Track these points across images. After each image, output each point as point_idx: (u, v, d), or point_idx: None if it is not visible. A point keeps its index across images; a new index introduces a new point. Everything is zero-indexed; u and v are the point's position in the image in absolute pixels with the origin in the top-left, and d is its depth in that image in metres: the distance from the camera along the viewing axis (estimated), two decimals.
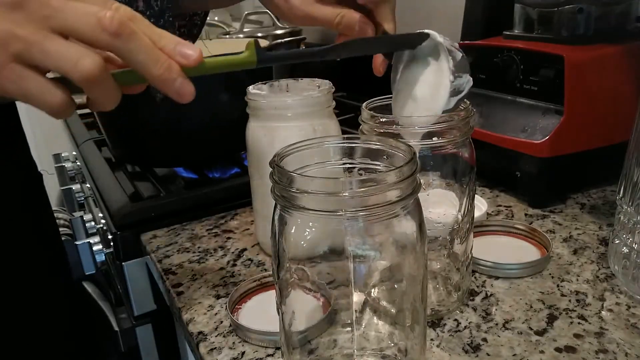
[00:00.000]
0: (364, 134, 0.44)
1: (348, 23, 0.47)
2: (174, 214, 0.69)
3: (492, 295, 0.50)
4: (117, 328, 0.74)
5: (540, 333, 0.44)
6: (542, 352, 0.42)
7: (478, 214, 0.61)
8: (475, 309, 0.48)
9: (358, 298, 0.38)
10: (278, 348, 0.45)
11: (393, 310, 0.39)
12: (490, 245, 0.57)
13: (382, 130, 0.42)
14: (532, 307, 0.47)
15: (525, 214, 0.64)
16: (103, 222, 0.72)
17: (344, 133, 0.59)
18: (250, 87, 0.57)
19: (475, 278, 0.52)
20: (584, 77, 0.62)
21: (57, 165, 1.18)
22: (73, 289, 0.67)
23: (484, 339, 0.44)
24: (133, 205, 0.69)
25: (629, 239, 0.48)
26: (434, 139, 0.42)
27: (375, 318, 0.40)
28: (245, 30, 1.37)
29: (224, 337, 0.47)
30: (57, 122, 1.40)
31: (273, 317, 0.39)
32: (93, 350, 0.68)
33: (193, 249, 0.62)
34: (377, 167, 0.37)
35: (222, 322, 0.49)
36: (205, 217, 0.70)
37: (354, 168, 0.38)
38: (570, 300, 0.48)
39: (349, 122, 0.89)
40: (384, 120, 0.43)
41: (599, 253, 0.55)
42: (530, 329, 0.45)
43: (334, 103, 0.57)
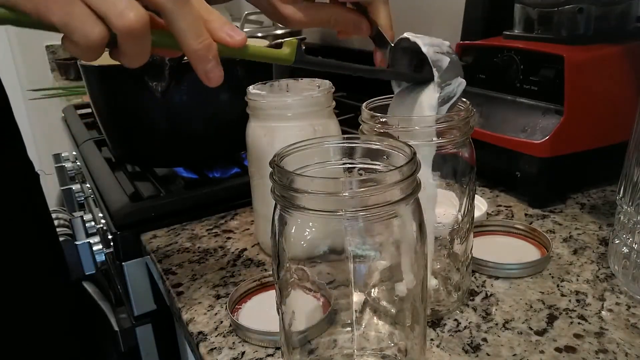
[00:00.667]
0: (364, 134, 0.44)
1: (343, 22, 0.48)
2: (174, 214, 0.69)
3: (492, 295, 0.50)
4: (117, 328, 0.74)
5: (540, 333, 0.44)
6: (542, 352, 0.42)
7: (478, 214, 0.61)
8: (475, 309, 0.48)
9: (358, 298, 0.38)
10: (278, 348, 0.45)
11: (393, 310, 0.39)
12: (490, 245, 0.57)
13: (382, 130, 0.42)
14: (532, 307, 0.47)
15: (525, 214, 0.64)
16: (103, 222, 0.72)
17: (344, 133, 0.59)
18: (250, 87, 0.57)
19: (475, 278, 0.52)
20: (584, 77, 0.62)
21: (57, 165, 1.18)
22: (72, 289, 0.67)
23: (484, 339, 0.44)
24: (133, 205, 0.69)
25: (629, 239, 0.48)
26: (434, 139, 0.42)
27: (375, 318, 0.40)
28: (246, 30, 1.37)
29: (224, 337, 0.47)
30: (57, 122, 1.40)
31: (273, 317, 0.39)
32: (93, 350, 0.68)
33: (193, 249, 0.62)
34: (377, 167, 0.37)
35: (222, 322, 0.49)
36: (205, 217, 0.70)
37: (354, 168, 0.38)
38: (570, 300, 0.48)
39: (349, 122, 0.89)
40: (384, 120, 0.43)
41: (599, 253, 0.55)
42: (530, 329, 0.45)
43: (334, 103, 0.57)
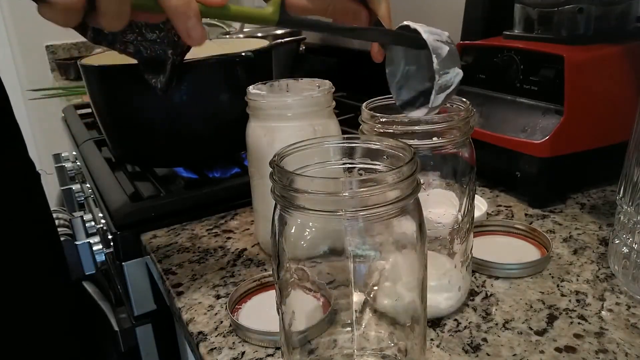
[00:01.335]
0: (364, 134, 0.44)
1: (342, 10, 0.48)
2: (174, 214, 0.69)
3: (492, 295, 0.50)
4: (117, 328, 0.74)
5: (540, 333, 0.44)
6: (542, 352, 0.42)
7: (478, 214, 0.61)
8: (475, 309, 0.48)
9: (358, 298, 0.38)
10: (278, 348, 0.45)
11: (393, 310, 0.39)
12: (490, 245, 0.57)
13: (382, 130, 0.42)
14: (532, 307, 0.47)
15: (525, 214, 0.64)
16: (103, 222, 0.72)
17: (344, 133, 0.59)
18: (250, 87, 0.57)
19: (475, 278, 0.52)
20: (584, 77, 0.62)
21: (57, 165, 1.18)
22: (72, 289, 0.67)
23: (484, 339, 0.44)
24: (133, 205, 0.69)
25: (629, 239, 0.48)
26: (434, 139, 0.42)
27: (375, 318, 0.40)
28: (245, 30, 1.37)
29: (224, 337, 0.47)
30: (57, 122, 1.40)
31: (273, 317, 0.39)
32: (93, 350, 0.68)
33: (193, 249, 0.62)
34: (377, 167, 0.37)
35: (222, 322, 0.49)
36: (205, 217, 0.70)
37: (354, 168, 0.38)
38: (570, 300, 0.48)
39: (349, 122, 0.89)
40: (384, 120, 0.43)
41: (599, 253, 0.55)
42: (530, 329, 0.45)
43: (334, 103, 0.57)
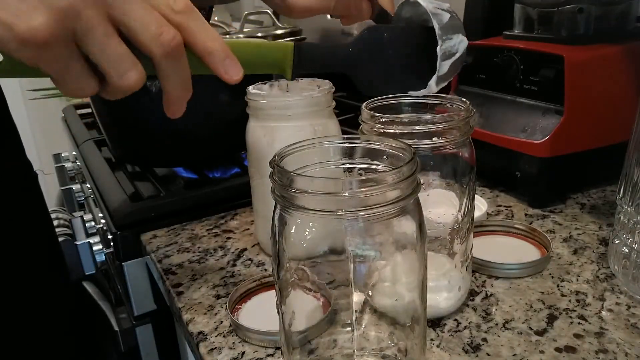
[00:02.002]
0: (364, 134, 0.44)
1: (344, 5, 0.48)
2: (174, 214, 0.69)
3: (492, 295, 0.50)
4: (117, 328, 0.74)
5: (540, 333, 0.44)
6: (542, 352, 0.42)
7: (478, 214, 0.61)
8: (475, 309, 0.48)
9: (358, 298, 0.38)
10: (278, 348, 0.45)
11: (393, 310, 0.39)
12: (490, 245, 0.57)
13: (382, 130, 0.42)
14: (532, 307, 0.47)
15: (525, 214, 0.64)
16: (103, 222, 0.72)
17: (344, 133, 0.59)
18: (250, 87, 0.57)
19: (475, 278, 0.52)
20: (584, 77, 0.62)
21: (57, 165, 1.18)
22: (71, 289, 0.67)
23: (484, 339, 0.44)
24: (133, 205, 0.69)
25: (629, 239, 0.48)
26: (434, 139, 0.42)
27: (375, 318, 0.40)
28: (245, 30, 1.37)
29: (224, 337, 0.47)
30: (57, 122, 1.40)
31: (273, 317, 0.39)
32: (93, 350, 0.68)
33: (193, 249, 0.62)
34: (377, 167, 0.37)
35: (222, 322, 0.49)
36: (205, 217, 0.70)
37: (354, 168, 0.38)
38: (570, 300, 0.48)
39: (349, 122, 0.89)
40: (384, 120, 0.43)
41: (599, 253, 0.55)
42: (530, 329, 0.45)
43: (334, 103, 0.57)
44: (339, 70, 0.41)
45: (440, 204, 0.44)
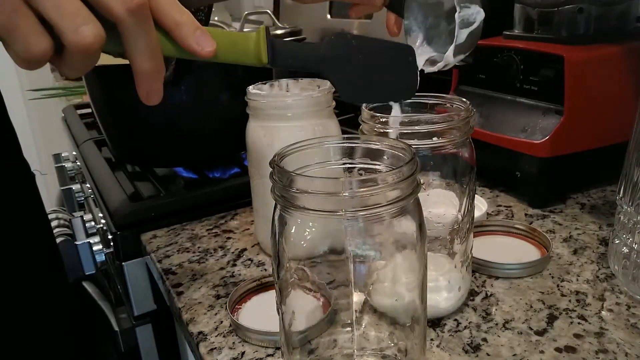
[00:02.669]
0: (364, 134, 0.44)
1: None
2: (174, 214, 0.69)
3: (492, 295, 0.50)
4: (117, 328, 0.74)
5: (540, 333, 0.44)
6: (542, 352, 0.42)
7: (478, 214, 0.61)
8: (475, 309, 0.48)
9: (358, 298, 0.38)
10: (278, 348, 0.45)
11: (393, 310, 0.39)
12: (490, 245, 0.57)
13: (382, 130, 0.42)
14: (532, 307, 0.47)
15: (525, 214, 0.64)
16: (103, 222, 0.72)
17: (344, 133, 0.59)
18: (250, 87, 0.57)
19: (475, 278, 0.52)
20: (584, 77, 0.62)
21: (57, 165, 1.18)
22: (71, 289, 0.67)
23: (484, 339, 0.44)
24: (133, 205, 0.69)
25: (629, 239, 0.48)
26: (434, 139, 0.42)
27: (375, 318, 0.40)
28: (245, 30, 1.37)
29: (224, 337, 0.47)
30: (57, 122, 1.40)
31: (273, 317, 0.39)
32: (93, 350, 0.68)
33: (193, 249, 0.62)
34: (377, 167, 0.37)
35: (222, 322, 0.49)
36: (205, 217, 0.70)
37: (354, 168, 0.38)
38: (570, 300, 0.48)
39: (349, 122, 0.89)
40: (384, 120, 0.43)
41: (599, 253, 0.55)
42: (530, 329, 0.45)
43: (334, 103, 0.57)
44: (315, 70, 0.41)
45: (440, 204, 0.44)
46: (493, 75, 0.70)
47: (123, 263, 0.65)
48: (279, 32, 1.33)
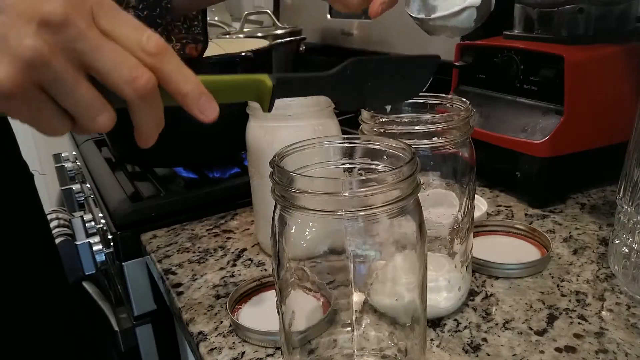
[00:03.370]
0: (364, 134, 0.44)
1: None
2: (174, 214, 0.69)
3: (492, 295, 0.50)
4: (117, 328, 0.74)
5: (540, 333, 0.44)
6: (542, 352, 0.42)
7: (478, 214, 0.61)
8: (475, 309, 0.48)
9: (358, 298, 0.38)
10: (278, 348, 0.45)
11: (393, 310, 0.39)
12: (490, 245, 0.57)
13: (382, 130, 0.42)
14: (532, 307, 0.47)
15: (525, 214, 0.64)
16: (103, 222, 0.72)
17: (344, 133, 0.59)
18: None
19: (475, 278, 0.52)
20: (584, 77, 0.62)
21: (57, 165, 1.18)
22: (71, 289, 0.67)
23: (484, 339, 0.44)
24: (133, 205, 0.69)
25: (629, 239, 0.48)
26: (434, 139, 0.42)
27: (375, 318, 0.40)
28: (245, 30, 1.37)
29: (224, 337, 0.47)
30: None
31: (273, 317, 0.39)
32: (93, 350, 0.68)
33: (193, 249, 0.62)
34: (377, 167, 0.37)
35: (222, 322, 0.49)
36: (205, 217, 0.70)
37: (354, 168, 0.38)
38: (570, 300, 0.48)
39: (349, 122, 0.88)
40: (384, 120, 0.43)
41: (599, 253, 0.55)
42: (530, 329, 0.45)
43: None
44: (320, 94, 0.41)
45: (440, 204, 0.45)
46: (493, 75, 0.70)
47: (123, 263, 0.65)
48: (279, 32, 1.33)
